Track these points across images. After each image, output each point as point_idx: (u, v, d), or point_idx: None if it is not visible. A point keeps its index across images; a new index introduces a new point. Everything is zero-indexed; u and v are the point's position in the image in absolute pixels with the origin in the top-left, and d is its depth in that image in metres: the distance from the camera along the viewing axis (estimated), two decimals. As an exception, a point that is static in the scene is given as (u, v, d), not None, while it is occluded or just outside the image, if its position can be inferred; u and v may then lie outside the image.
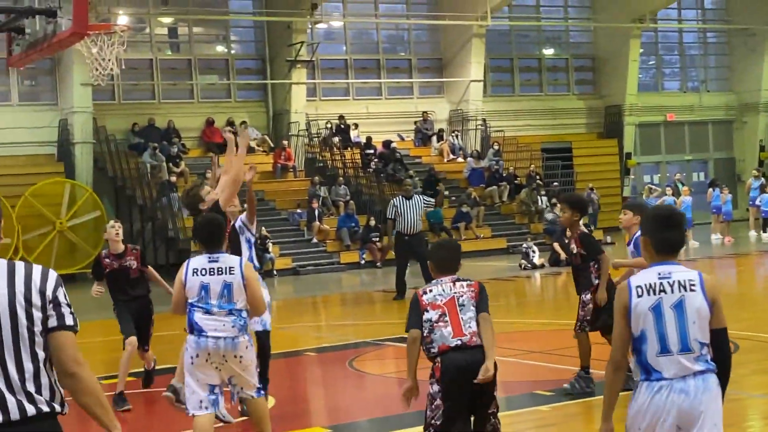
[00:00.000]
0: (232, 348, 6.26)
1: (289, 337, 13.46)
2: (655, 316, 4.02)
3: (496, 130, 30.49)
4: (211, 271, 6.30)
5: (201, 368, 6.28)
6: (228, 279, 6.28)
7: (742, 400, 8.11)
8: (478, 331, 5.44)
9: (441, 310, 5.43)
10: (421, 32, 31.78)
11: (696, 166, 35.70)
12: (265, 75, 28.60)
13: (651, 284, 4.06)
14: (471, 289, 5.55)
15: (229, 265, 6.34)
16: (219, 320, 6.26)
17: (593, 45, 33.99)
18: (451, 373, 5.36)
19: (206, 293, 6.28)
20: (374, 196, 26.91)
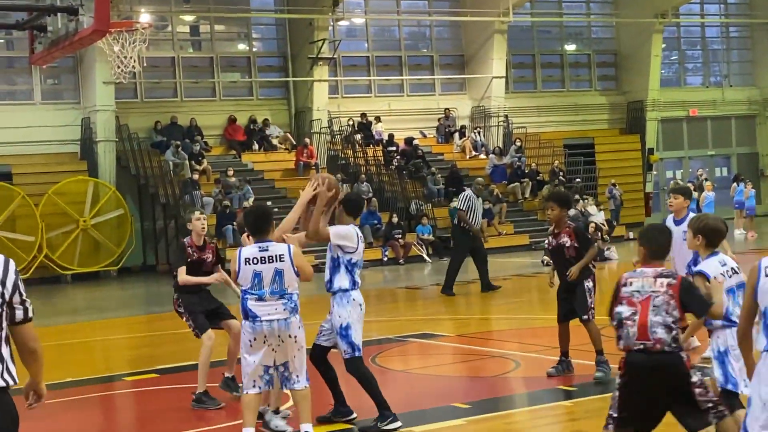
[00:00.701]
0: (286, 328, 6.83)
1: (312, 334, 13.45)
2: None
3: (518, 127, 30.41)
4: (263, 259, 6.78)
5: (257, 350, 6.83)
6: (279, 266, 6.79)
7: None
8: (663, 337, 5.17)
9: (634, 308, 5.26)
10: (443, 29, 31.74)
11: (719, 161, 35.49)
12: (287, 72, 28.64)
13: None
14: (669, 291, 5.21)
15: (279, 252, 6.82)
16: (271, 305, 6.82)
17: (615, 40, 33.84)
18: (632, 373, 5.26)
19: (259, 281, 6.78)
20: (396, 193, 26.91)
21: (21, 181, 23.93)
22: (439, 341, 12.11)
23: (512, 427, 7.70)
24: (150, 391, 9.65)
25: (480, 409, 8.12)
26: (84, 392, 9.46)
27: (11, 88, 26.20)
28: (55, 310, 19.53)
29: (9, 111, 25.01)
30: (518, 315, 14.27)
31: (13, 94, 26.04)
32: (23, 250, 23.00)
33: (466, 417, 7.82)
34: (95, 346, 13.95)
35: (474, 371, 10.33)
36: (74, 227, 24.04)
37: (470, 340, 12.22)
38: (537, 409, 8.33)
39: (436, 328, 13.08)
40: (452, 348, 11.71)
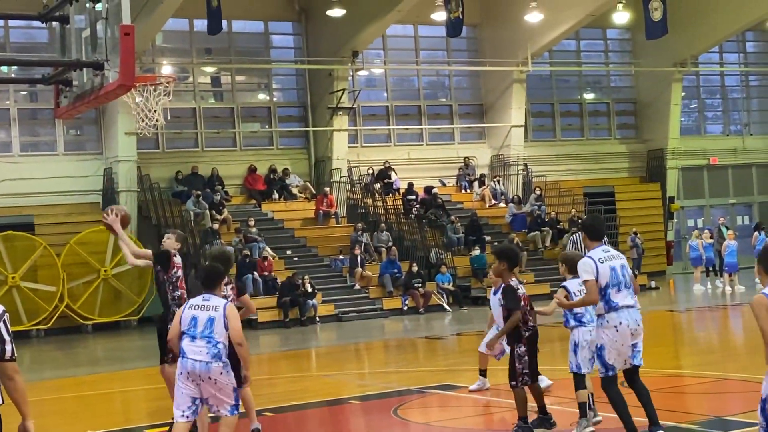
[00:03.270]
0: (206, 370, 7.39)
1: (332, 385, 13.42)
2: None
3: (537, 175, 30.42)
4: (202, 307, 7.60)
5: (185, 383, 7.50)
6: (212, 314, 7.53)
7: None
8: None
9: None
10: (462, 78, 31.93)
11: (740, 209, 35.31)
12: (307, 122, 28.84)
13: None
14: None
15: (215, 304, 7.58)
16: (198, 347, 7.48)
17: (635, 89, 33.92)
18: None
19: (195, 324, 7.50)
20: (416, 242, 26.89)
21: (43, 231, 24.08)
22: (459, 393, 12.01)
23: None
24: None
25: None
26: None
27: (35, 139, 26.47)
28: (76, 360, 19.55)
29: (32, 162, 25.28)
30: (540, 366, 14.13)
31: (36, 146, 26.32)
32: (45, 300, 23.08)
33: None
34: (115, 398, 13.91)
35: (495, 424, 10.22)
36: (95, 277, 24.12)
37: (491, 391, 12.11)
38: (561, 464, 8.22)
39: (457, 379, 12.97)
40: (473, 400, 11.60)
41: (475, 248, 26.19)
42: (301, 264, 24.82)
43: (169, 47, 28.15)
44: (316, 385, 13.67)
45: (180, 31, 27.71)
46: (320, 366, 16.57)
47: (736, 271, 25.12)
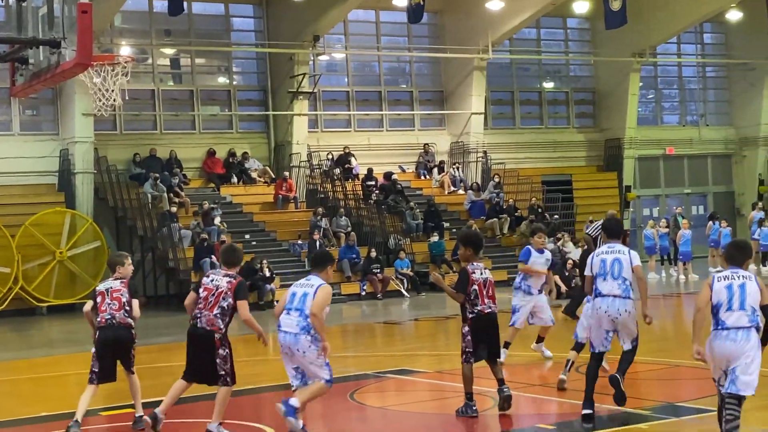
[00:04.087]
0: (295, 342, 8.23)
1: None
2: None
3: (496, 163, 30.57)
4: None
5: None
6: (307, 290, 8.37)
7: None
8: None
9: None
10: (423, 65, 31.95)
11: (695, 199, 35.75)
12: (267, 106, 28.71)
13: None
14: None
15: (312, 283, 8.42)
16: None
17: (593, 78, 34.16)
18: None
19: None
20: (375, 228, 26.93)
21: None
22: (416, 377, 12.08)
23: (491, 466, 7.67)
24: (125, 426, 9.56)
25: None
26: (59, 427, 9.35)
27: (-11, 118, 26.10)
28: (30, 342, 19.35)
29: (-13, 141, 24.91)
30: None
31: (-9, 125, 25.95)
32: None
33: (444, 455, 7.79)
34: (70, 380, 13.80)
35: (452, 408, 10.29)
36: (51, 259, 23.87)
37: (448, 376, 12.19)
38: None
39: (414, 364, 13.04)
40: (430, 384, 11.68)
41: (434, 234, 26.28)
42: (259, 248, 24.74)
43: (128, 28, 27.85)
44: (273, 369, 13.64)
45: (139, 11, 27.42)
46: (277, 350, 16.51)
47: (690, 260, 25.46)
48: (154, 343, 16.34)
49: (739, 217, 34.17)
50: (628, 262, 8.87)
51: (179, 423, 9.45)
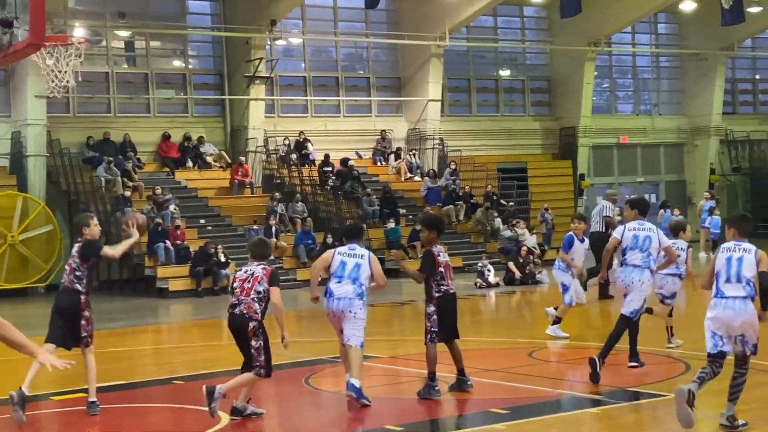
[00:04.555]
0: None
1: (244, 354, 13.35)
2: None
3: (453, 150, 30.67)
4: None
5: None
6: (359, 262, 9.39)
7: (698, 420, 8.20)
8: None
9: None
10: (380, 51, 31.92)
11: (648, 188, 36.16)
12: (223, 90, 28.52)
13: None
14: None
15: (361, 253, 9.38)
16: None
17: (549, 67, 34.36)
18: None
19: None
20: (331, 214, 26.91)
21: (-53, 194, 23.42)
22: (372, 362, 12.11)
23: (444, 450, 7.73)
24: (78, 411, 9.48)
25: (412, 431, 8.13)
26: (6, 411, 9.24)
27: (-61, 99, 25.65)
28: (-20, 327, 19.06)
29: (-64, 123, 24.48)
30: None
31: (-60, 106, 25.51)
32: (-52, 266, 22.50)
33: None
34: (21, 365, 13.63)
35: (407, 393, 10.35)
36: (2, 242, 23.55)
37: (404, 361, 12.25)
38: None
39: (370, 350, 13.04)
40: (385, 370, 11.72)
41: (390, 221, 26.32)
42: (214, 233, 24.62)
43: (82, 9, 27.40)
44: (228, 354, 13.59)
45: (94, -7, 27.07)
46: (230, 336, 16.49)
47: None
48: (106, 328, 16.20)
49: (690, 206, 34.60)
50: (656, 241, 10.25)
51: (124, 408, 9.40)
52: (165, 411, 9.86)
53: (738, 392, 7.63)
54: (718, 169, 35.90)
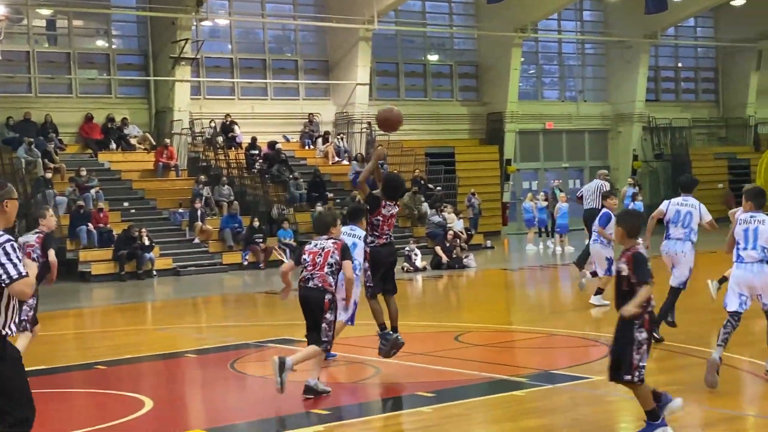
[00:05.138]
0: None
1: (168, 339, 13.24)
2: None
3: (381, 134, 30.65)
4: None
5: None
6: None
7: (617, 401, 8.35)
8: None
9: None
10: (308, 33, 31.72)
11: (573, 173, 36.66)
12: (148, 71, 28.06)
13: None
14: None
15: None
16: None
17: (476, 52, 34.54)
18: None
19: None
20: (258, 197, 26.72)
21: None
22: (299, 347, 12.06)
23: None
24: None
25: (338, 415, 8.13)
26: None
27: None
28: None
29: None
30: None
31: None
32: None
33: (324, 423, 7.82)
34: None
35: (333, 377, 10.33)
36: None
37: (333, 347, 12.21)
38: (395, 416, 8.40)
39: (297, 334, 13.02)
40: (312, 354, 11.66)
41: (318, 205, 26.23)
42: (138, 216, 24.25)
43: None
44: (152, 338, 13.46)
45: (13, -31, 26.35)
46: (156, 320, 16.32)
47: (566, 232, 26.09)
48: (27, 313, 15.86)
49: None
50: (698, 216, 10.88)
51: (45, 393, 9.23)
52: (88, 396, 9.69)
53: None
54: (640, 155, 36.54)
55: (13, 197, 5.54)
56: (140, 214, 24.58)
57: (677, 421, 7.44)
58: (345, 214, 10.49)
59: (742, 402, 8.14)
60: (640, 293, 6.60)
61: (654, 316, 7.18)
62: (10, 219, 5.56)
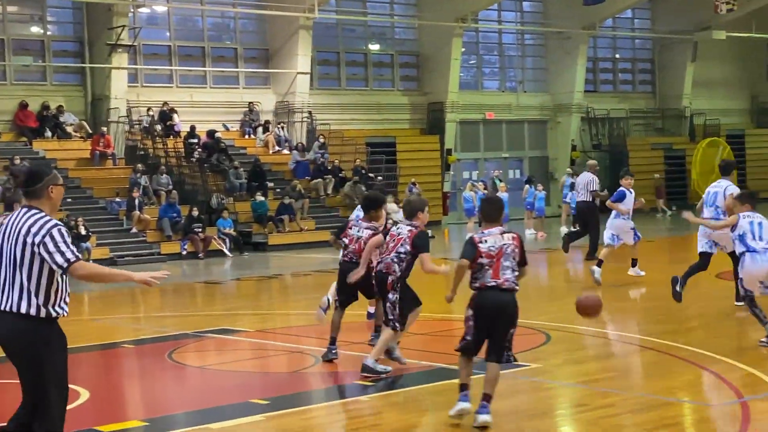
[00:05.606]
0: None
1: (105, 329, 13.07)
2: None
3: (322, 123, 30.57)
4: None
5: None
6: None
7: (555, 388, 8.43)
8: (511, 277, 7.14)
9: (490, 258, 7.12)
10: (248, 21, 31.45)
11: (513, 163, 36.93)
12: (84, 58, 27.60)
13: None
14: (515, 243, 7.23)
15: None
16: None
17: (417, 42, 34.57)
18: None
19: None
20: (197, 187, 26.47)
21: None
22: (238, 336, 11.99)
23: (310, 423, 7.70)
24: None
25: (278, 405, 8.08)
26: None
27: None
28: None
29: None
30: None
31: None
32: None
33: (263, 413, 7.77)
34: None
35: (273, 367, 10.29)
36: None
37: (270, 335, 12.18)
38: (335, 405, 8.38)
39: (236, 324, 12.94)
40: (251, 344, 11.62)
41: (258, 194, 26.08)
42: (74, 206, 23.87)
43: (-69, -31, 26.11)
44: (88, 329, 13.26)
45: (-56, -48, 25.73)
46: (92, 310, 16.08)
47: (506, 221, 26.24)
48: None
49: (553, 181, 35.52)
50: (722, 196, 11.67)
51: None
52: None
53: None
54: (579, 145, 36.93)
55: (58, 183, 5.68)
56: (76, 203, 24.19)
57: (612, 407, 7.53)
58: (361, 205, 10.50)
59: (673, 388, 8.26)
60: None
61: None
62: (56, 204, 5.71)
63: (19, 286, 5.37)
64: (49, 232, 5.34)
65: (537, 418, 7.39)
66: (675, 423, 7.19)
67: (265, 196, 26.21)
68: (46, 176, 5.58)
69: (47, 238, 5.32)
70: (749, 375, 8.36)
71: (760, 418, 6.95)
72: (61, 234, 5.37)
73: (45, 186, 5.54)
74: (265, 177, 27.27)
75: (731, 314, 11.69)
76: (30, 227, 5.37)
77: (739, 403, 7.39)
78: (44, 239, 5.32)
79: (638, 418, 7.21)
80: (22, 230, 5.38)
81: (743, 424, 6.81)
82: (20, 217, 5.45)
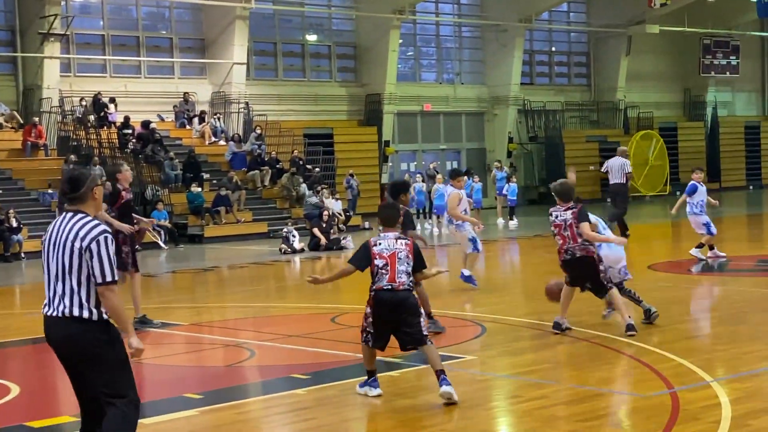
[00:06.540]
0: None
1: (37, 323, 12.79)
2: None
3: (259, 114, 30.38)
4: None
5: None
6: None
7: (489, 380, 8.50)
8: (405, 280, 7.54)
9: (385, 261, 7.53)
10: (183, 11, 31.11)
11: (450, 155, 37.11)
12: (15, 47, 27.07)
13: None
14: (407, 247, 7.64)
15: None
16: None
17: (355, 33, 34.53)
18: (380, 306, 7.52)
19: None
20: (132, 178, 26.10)
21: None
22: (172, 330, 11.88)
23: (244, 417, 7.66)
24: None
25: (212, 399, 8.02)
26: None
27: None
28: None
29: None
30: (254, 303, 14.27)
31: None
32: None
33: (198, 407, 7.71)
34: None
35: (207, 361, 10.21)
36: None
37: (205, 328, 12.08)
38: (270, 398, 8.34)
39: (170, 317, 12.82)
40: (186, 337, 11.52)
41: (194, 185, 25.84)
42: (5, 197, 23.43)
43: None
44: (20, 322, 13.03)
45: None
46: (24, 303, 15.81)
47: (444, 213, 26.37)
48: None
49: (489, 173, 35.77)
50: None
51: None
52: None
53: None
54: (515, 137, 37.26)
55: (99, 184, 5.63)
56: (7, 194, 23.76)
57: (546, 398, 7.62)
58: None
59: (606, 379, 8.38)
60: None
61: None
62: (100, 204, 5.69)
63: (69, 293, 5.31)
64: (96, 238, 5.28)
65: (471, 409, 7.44)
66: (607, 414, 7.29)
67: (201, 187, 25.99)
68: (88, 179, 5.55)
69: (93, 244, 5.26)
70: (679, 365, 8.52)
71: (689, 408, 7.08)
72: (107, 243, 5.29)
73: (89, 189, 5.50)
74: (201, 168, 27.05)
75: (662, 306, 11.90)
76: (78, 231, 5.30)
77: (669, 394, 7.52)
78: (90, 244, 5.26)
79: (571, 409, 7.30)
80: (69, 236, 5.30)
81: (673, 414, 6.94)
82: (66, 223, 5.37)
